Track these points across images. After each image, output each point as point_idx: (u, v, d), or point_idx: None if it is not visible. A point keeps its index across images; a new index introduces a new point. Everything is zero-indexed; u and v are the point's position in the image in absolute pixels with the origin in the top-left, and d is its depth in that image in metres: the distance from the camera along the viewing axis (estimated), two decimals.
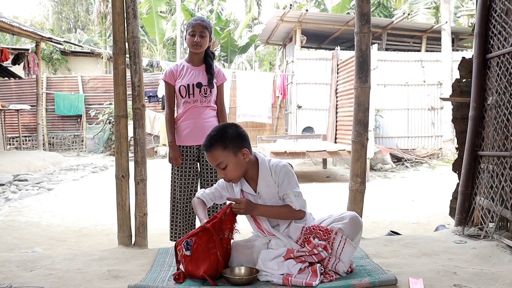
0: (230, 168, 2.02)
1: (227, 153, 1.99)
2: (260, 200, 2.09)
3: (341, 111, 8.63)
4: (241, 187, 2.13)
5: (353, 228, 2.01)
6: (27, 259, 2.38)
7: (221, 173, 2.05)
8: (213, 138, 2.01)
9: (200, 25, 2.88)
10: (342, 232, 1.97)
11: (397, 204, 5.47)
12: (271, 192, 2.07)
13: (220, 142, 1.99)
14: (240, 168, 2.04)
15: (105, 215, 4.81)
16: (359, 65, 2.81)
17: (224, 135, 2.01)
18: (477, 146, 2.93)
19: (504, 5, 2.71)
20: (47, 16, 29.60)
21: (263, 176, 2.07)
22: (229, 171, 2.02)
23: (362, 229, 2.09)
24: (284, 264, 1.94)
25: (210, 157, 2.03)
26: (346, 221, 2.01)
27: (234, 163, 2.01)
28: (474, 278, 1.93)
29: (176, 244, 2.03)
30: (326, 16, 12.34)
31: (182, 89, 2.93)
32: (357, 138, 2.83)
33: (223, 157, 1.99)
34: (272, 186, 2.07)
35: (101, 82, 13.82)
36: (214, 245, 1.94)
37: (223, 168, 2.01)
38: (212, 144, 1.99)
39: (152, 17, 16.02)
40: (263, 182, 2.07)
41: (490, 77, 2.85)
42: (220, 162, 2.00)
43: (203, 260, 1.92)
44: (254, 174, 2.09)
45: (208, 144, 2.01)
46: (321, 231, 1.99)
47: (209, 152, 2.01)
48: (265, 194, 2.08)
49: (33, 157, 9.19)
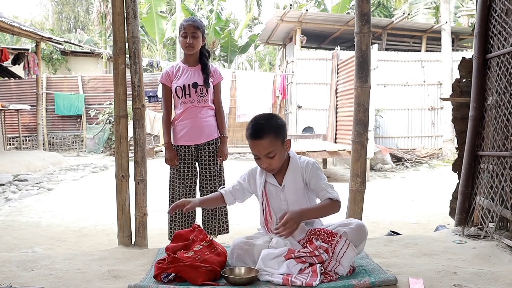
0: (277, 158, 2.02)
1: (277, 142, 2.00)
2: (282, 193, 2.10)
3: (341, 111, 8.63)
4: (266, 178, 2.13)
5: (357, 235, 2.00)
6: (27, 259, 2.37)
7: (265, 162, 2.02)
8: (265, 126, 2.00)
9: (191, 26, 2.88)
10: (346, 237, 1.97)
11: (397, 204, 5.47)
12: (295, 187, 2.09)
13: (272, 130, 1.99)
14: (283, 157, 2.07)
15: (105, 215, 4.81)
16: (359, 65, 2.81)
17: (275, 123, 2.03)
18: (477, 146, 2.93)
19: (504, 5, 2.71)
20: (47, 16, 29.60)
21: (292, 170, 2.09)
22: (275, 160, 2.02)
23: (366, 240, 2.09)
24: (285, 264, 1.94)
25: (261, 145, 1.99)
26: (352, 227, 2.01)
27: (281, 152, 2.03)
28: (474, 278, 1.93)
29: (155, 276, 1.98)
30: (326, 16, 12.34)
31: (178, 90, 2.94)
32: (357, 138, 2.82)
33: (274, 145, 1.99)
34: (298, 181, 2.09)
35: (101, 82, 13.82)
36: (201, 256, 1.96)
37: (272, 157, 2.01)
38: (266, 132, 1.98)
39: (152, 17, 16.02)
40: (291, 175, 2.09)
41: (490, 77, 2.85)
42: (271, 150, 1.99)
43: (195, 274, 1.91)
44: (283, 167, 2.10)
45: (261, 132, 1.98)
46: (325, 233, 1.99)
47: (262, 140, 1.98)
48: (289, 187, 2.09)
49: (33, 157, 9.19)
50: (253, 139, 2.01)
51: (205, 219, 3.09)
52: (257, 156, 2.04)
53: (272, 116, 2.11)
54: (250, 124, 2.05)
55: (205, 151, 3.01)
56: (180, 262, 1.91)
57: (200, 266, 1.90)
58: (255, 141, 2.00)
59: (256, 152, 2.03)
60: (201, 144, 3.00)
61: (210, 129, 3.01)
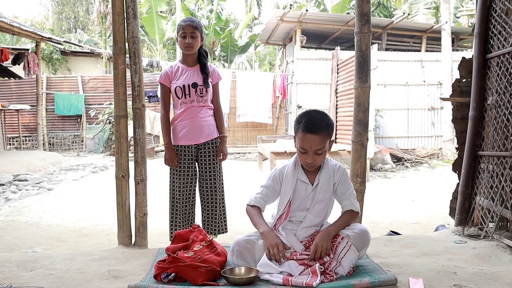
0: (323, 155, 2.08)
1: (328, 140, 2.06)
2: (312, 192, 2.13)
3: (341, 111, 8.63)
4: (298, 177, 2.16)
5: (360, 239, 2.02)
6: (27, 259, 2.37)
7: (311, 158, 2.05)
8: (321, 122, 2.04)
9: (190, 26, 2.88)
10: (349, 239, 1.98)
11: (397, 204, 5.47)
12: (326, 187, 2.14)
13: (328, 128, 2.05)
14: (325, 157, 2.13)
15: (105, 215, 4.81)
16: (359, 65, 2.81)
17: (329, 122, 2.09)
18: (477, 146, 2.93)
19: (504, 5, 2.71)
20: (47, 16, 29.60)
21: (326, 170, 2.15)
22: (321, 157, 2.08)
23: (368, 246, 2.12)
24: (285, 264, 1.94)
25: (314, 140, 2.01)
26: (356, 231, 2.04)
27: (326, 151, 2.09)
28: (474, 278, 1.93)
29: (155, 276, 1.99)
30: (326, 16, 12.33)
31: (178, 90, 2.93)
32: (357, 138, 2.82)
33: (325, 143, 2.04)
34: (328, 182, 2.14)
35: (101, 82, 13.81)
36: (201, 257, 1.96)
37: (320, 153, 2.04)
38: (323, 129, 2.03)
39: (152, 17, 16.01)
40: (325, 175, 2.14)
41: (490, 77, 2.85)
42: (322, 147, 2.04)
43: (195, 274, 1.92)
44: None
45: (317, 128, 2.02)
46: None
47: (319, 136, 2.02)
48: (322, 186, 2.13)
49: (33, 157, 9.18)
50: (309, 132, 2.02)
51: (205, 219, 3.09)
52: (305, 150, 2.05)
53: (326, 114, 2.14)
54: (305, 118, 2.06)
55: (205, 151, 3.01)
56: (180, 262, 1.91)
57: (200, 266, 1.91)
58: (310, 135, 2.01)
59: (306, 147, 2.03)
60: (201, 144, 3.00)
61: (210, 129, 3.01)
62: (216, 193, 3.04)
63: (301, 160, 2.11)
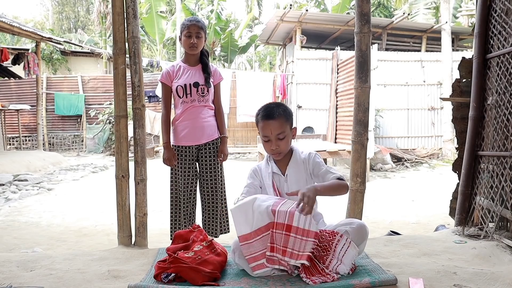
0: (286, 141, 2.13)
1: (287, 125, 2.12)
2: (285, 183, 2.18)
3: (341, 111, 8.63)
4: (271, 170, 2.22)
5: (359, 234, 2.01)
6: (27, 259, 2.37)
7: (275, 144, 2.11)
8: (277, 108, 2.12)
9: (195, 26, 2.87)
10: (348, 235, 1.98)
11: (397, 204, 5.47)
12: (297, 177, 2.18)
13: (284, 113, 2.12)
14: (290, 143, 2.18)
15: (105, 215, 4.81)
16: (359, 65, 2.81)
17: (285, 108, 2.15)
18: (477, 146, 2.93)
19: (504, 5, 2.71)
20: (47, 16, 29.62)
21: (295, 160, 2.20)
22: (284, 143, 2.12)
23: (367, 241, 2.10)
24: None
25: (273, 125, 2.09)
26: (353, 226, 2.03)
27: (288, 136, 2.14)
28: (474, 278, 1.93)
29: (155, 276, 1.98)
30: (326, 16, 12.33)
31: (179, 89, 2.93)
32: (357, 138, 2.82)
33: (284, 127, 2.11)
34: (301, 172, 2.19)
35: (101, 82, 13.82)
36: (201, 257, 1.97)
37: (282, 138, 2.11)
38: (279, 113, 2.10)
39: (152, 17, 16.02)
40: (294, 165, 2.19)
41: (490, 77, 2.85)
42: (282, 131, 2.10)
43: (195, 274, 1.91)
44: (286, 158, 2.21)
45: (273, 113, 2.09)
46: (326, 234, 1.99)
47: (275, 120, 2.09)
48: (291, 176, 2.18)
49: (33, 157, 9.19)
50: (266, 119, 2.11)
51: (205, 219, 3.08)
52: (267, 137, 2.12)
53: (283, 103, 2.23)
54: (262, 108, 2.17)
55: (205, 151, 3.00)
56: (180, 262, 1.91)
57: (202, 270, 1.90)
58: (268, 121, 2.10)
59: (267, 133, 2.11)
60: (202, 144, 2.99)
61: (211, 129, 3.00)
62: (216, 194, 3.03)
63: (267, 150, 2.18)
